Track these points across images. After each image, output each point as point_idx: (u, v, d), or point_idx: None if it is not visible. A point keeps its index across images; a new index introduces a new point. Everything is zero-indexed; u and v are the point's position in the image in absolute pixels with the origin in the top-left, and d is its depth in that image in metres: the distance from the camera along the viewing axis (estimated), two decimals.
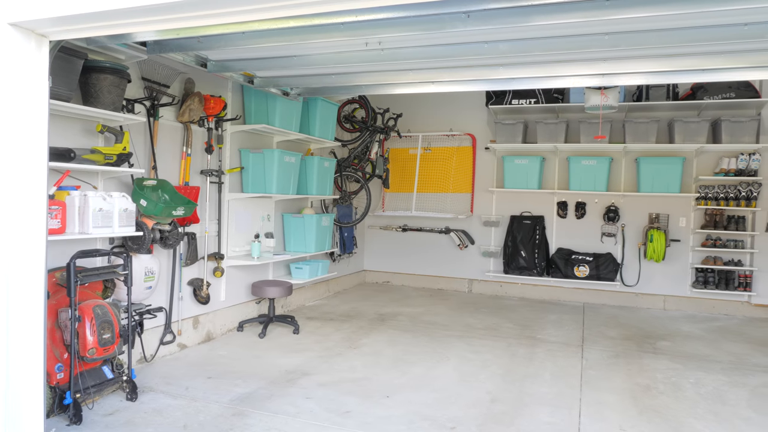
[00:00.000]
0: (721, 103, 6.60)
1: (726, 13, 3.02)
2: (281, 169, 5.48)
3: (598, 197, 7.36)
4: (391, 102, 7.99)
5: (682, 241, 7.00)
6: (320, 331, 5.51)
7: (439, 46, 3.81)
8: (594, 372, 4.45)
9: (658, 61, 3.93)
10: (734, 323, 6.39)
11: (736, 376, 4.43)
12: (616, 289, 7.24)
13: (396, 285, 8.34)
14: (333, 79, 4.86)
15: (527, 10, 2.88)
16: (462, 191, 7.95)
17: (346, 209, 7.42)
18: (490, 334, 5.56)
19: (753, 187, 6.58)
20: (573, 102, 7.03)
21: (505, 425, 3.40)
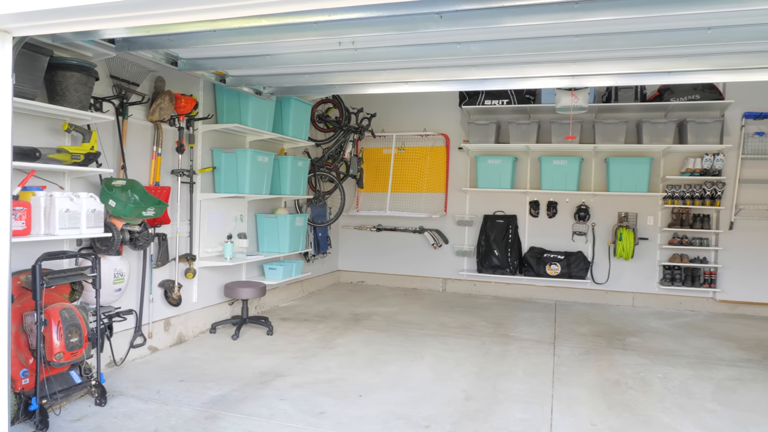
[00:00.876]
0: (686, 105, 6.78)
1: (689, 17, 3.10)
2: (254, 168, 5.43)
3: (569, 197, 7.48)
4: (365, 102, 8.00)
5: (650, 239, 7.17)
6: (294, 332, 5.48)
7: (413, 47, 3.83)
8: (565, 368, 4.53)
9: (625, 63, 4.02)
10: (700, 319, 6.56)
11: (701, 370, 4.55)
12: (586, 287, 7.37)
13: (370, 285, 8.34)
14: (306, 78, 4.84)
15: (498, 12, 2.91)
16: (436, 191, 8.00)
17: (320, 209, 7.39)
18: (464, 333, 5.61)
19: (717, 186, 6.76)
20: (544, 103, 7.13)
21: (479, 422, 3.43)
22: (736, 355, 5.05)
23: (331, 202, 7.78)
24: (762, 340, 5.61)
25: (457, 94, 7.75)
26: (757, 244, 6.78)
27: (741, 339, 5.62)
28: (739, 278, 6.83)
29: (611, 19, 2.94)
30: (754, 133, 6.78)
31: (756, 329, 6.07)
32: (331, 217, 7.58)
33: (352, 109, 7.50)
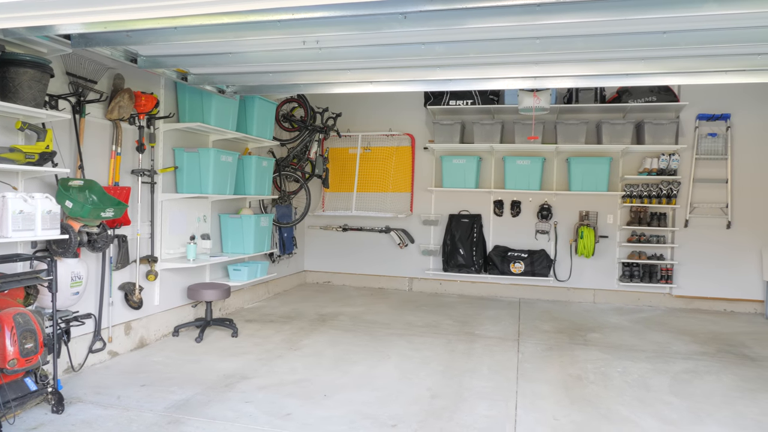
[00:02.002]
0: (644, 106, 6.98)
1: (646, 21, 3.20)
2: (217, 168, 5.35)
3: (532, 196, 7.61)
4: (331, 101, 7.97)
5: (610, 237, 7.36)
6: (260, 334, 5.42)
7: (377, 47, 3.83)
8: (529, 365, 4.60)
9: (585, 66, 4.11)
10: (657, 314, 6.77)
11: (659, 364, 4.70)
12: (549, 285, 7.52)
13: (337, 285, 8.32)
14: (270, 77, 4.80)
15: (462, 13, 2.94)
16: (402, 191, 8.03)
17: (285, 209, 7.33)
18: (430, 332, 5.65)
19: (673, 185, 6.99)
20: (508, 103, 7.24)
21: (445, 420, 3.46)
22: (691, 348, 5.22)
23: (297, 202, 7.73)
24: (715, 333, 5.83)
25: (422, 94, 7.80)
26: (710, 241, 7.04)
27: (696, 333, 5.82)
28: (694, 274, 7.08)
29: (571, 22, 3.01)
30: (707, 134, 7.03)
31: (710, 323, 6.30)
32: (296, 218, 7.52)
33: (318, 109, 7.46)
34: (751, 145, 6.93)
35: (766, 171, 6.89)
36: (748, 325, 6.24)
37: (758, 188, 6.91)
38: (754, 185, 6.92)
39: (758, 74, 4.25)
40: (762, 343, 5.45)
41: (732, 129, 6.97)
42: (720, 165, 7.02)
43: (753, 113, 6.92)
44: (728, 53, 3.88)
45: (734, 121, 6.96)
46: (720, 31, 3.37)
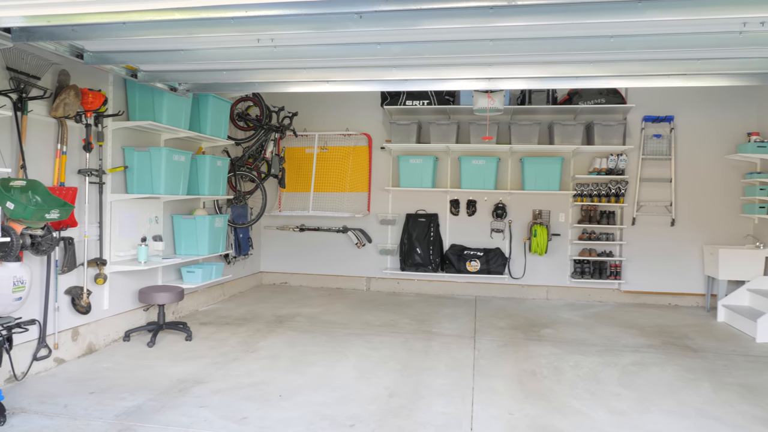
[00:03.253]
0: (593, 108, 7.20)
1: (593, 25, 3.31)
2: (169, 168, 5.21)
3: (487, 195, 7.74)
4: (287, 100, 7.90)
5: (562, 235, 7.56)
6: (215, 337, 5.31)
7: (333, 46, 3.82)
8: (485, 361, 4.68)
9: (537, 68, 4.21)
10: (607, 309, 7.00)
11: (608, 357, 4.86)
12: (504, 282, 7.67)
13: (294, 286, 8.25)
14: (224, 75, 4.71)
15: (416, 14, 2.97)
16: (359, 190, 8.03)
17: (240, 209, 7.22)
18: (388, 331, 5.67)
19: (621, 184, 7.24)
20: (463, 104, 7.34)
21: (403, 418, 3.48)
22: (638, 341, 5.43)
23: (253, 203, 7.62)
24: (661, 326, 6.07)
25: (379, 94, 7.81)
26: (656, 238, 7.33)
27: (643, 326, 6.05)
28: (641, 270, 7.36)
29: (523, 25, 3.08)
30: (652, 135, 7.31)
31: (656, 317, 6.56)
32: (252, 218, 7.42)
33: (273, 108, 7.37)
34: (692, 145, 7.25)
35: (706, 171, 7.23)
36: (691, 318, 6.53)
37: (699, 187, 7.24)
38: (696, 184, 7.25)
39: (698, 78, 4.46)
40: (703, 335, 5.71)
41: (675, 130, 7.27)
42: (664, 165, 7.32)
43: (694, 115, 7.24)
44: (671, 58, 4.05)
45: (677, 122, 7.27)
46: (662, 37, 3.52)
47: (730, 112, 7.15)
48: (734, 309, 6.18)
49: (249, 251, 7.60)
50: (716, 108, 7.19)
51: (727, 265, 6.56)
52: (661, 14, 2.90)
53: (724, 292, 6.59)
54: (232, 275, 7.30)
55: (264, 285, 8.29)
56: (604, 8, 2.88)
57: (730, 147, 7.13)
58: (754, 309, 6.12)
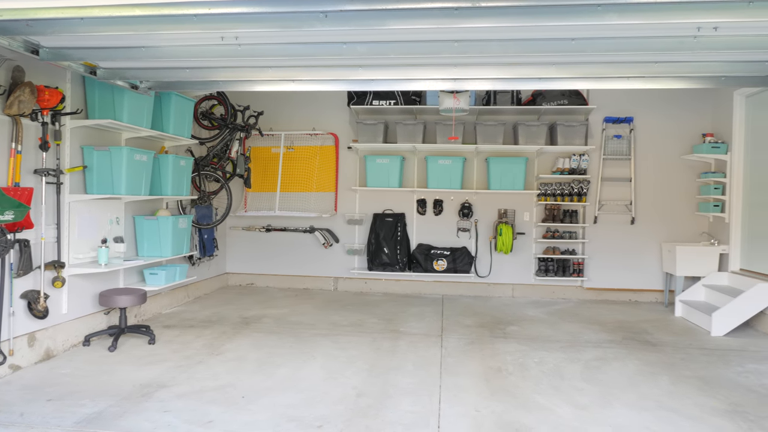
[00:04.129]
0: (556, 109, 7.34)
1: (555, 28, 3.37)
2: (131, 168, 5.09)
3: (453, 195, 7.81)
4: (252, 99, 7.81)
5: (527, 233, 7.68)
6: (179, 340, 5.22)
7: (299, 45, 3.80)
8: (452, 359, 4.72)
9: (501, 69, 4.27)
10: (570, 306, 7.15)
11: (572, 353, 4.96)
12: (471, 281, 7.75)
13: (260, 287, 8.16)
14: (188, 73, 4.64)
15: (382, 14, 2.98)
16: (326, 190, 7.99)
17: (205, 210, 7.10)
18: (355, 331, 5.66)
19: (583, 184, 7.41)
20: (429, 104, 7.39)
21: (370, 418, 3.48)
22: (600, 337, 5.56)
23: (218, 203, 7.51)
24: (622, 322, 6.23)
25: (346, 94, 7.80)
26: (617, 236, 7.52)
27: (604, 322, 6.20)
28: (603, 267, 7.54)
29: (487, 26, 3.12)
30: (613, 135, 7.50)
31: (617, 313, 6.73)
32: (217, 218, 7.31)
33: (239, 107, 7.27)
34: (651, 146, 7.46)
35: (664, 170, 7.45)
36: (650, 313, 6.72)
37: (658, 186, 7.46)
38: (654, 184, 7.47)
39: (656, 81, 4.60)
40: (662, 330, 5.89)
41: (635, 131, 7.48)
42: (624, 165, 7.52)
43: (653, 117, 7.46)
44: (630, 61, 4.17)
45: (637, 123, 7.48)
46: (622, 40, 3.62)
47: (687, 114, 7.39)
48: (691, 304, 6.40)
49: (214, 252, 7.48)
50: (673, 110, 7.42)
51: (683, 261, 6.78)
52: (619, 18, 2.98)
53: (681, 288, 6.81)
54: (197, 277, 7.18)
55: (230, 286, 8.18)
56: (566, 11, 2.95)
57: (686, 148, 7.37)
58: (709, 304, 6.34)
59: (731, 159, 6.67)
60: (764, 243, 6.00)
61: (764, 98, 6.12)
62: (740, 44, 3.63)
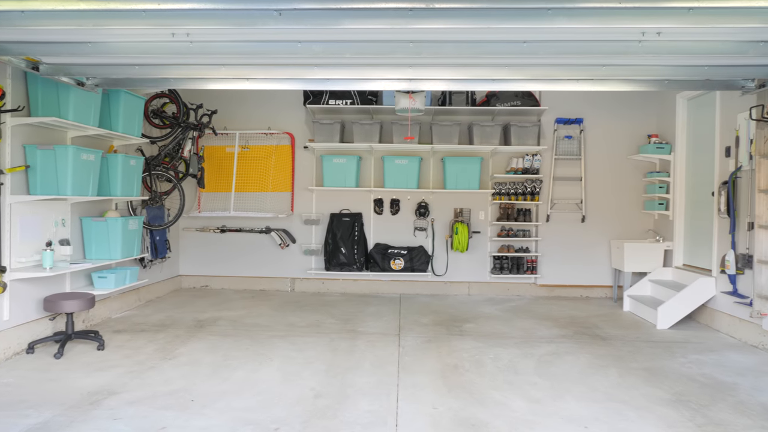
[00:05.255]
0: (510, 110, 7.49)
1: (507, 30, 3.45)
2: (77, 167, 4.91)
3: (410, 194, 7.86)
4: (206, 98, 7.65)
5: (482, 232, 7.81)
6: (130, 345, 5.06)
7: (253, 43, 3.75)
8: (410, 358, 4.76)
9: (456, 70, 4.33)
10: (524, 302, 7.31)
11: (526, 348, 5.08)
12: (428, 279, 7.82)
13: (215, 289, 8.01)
14: (137, 70, 4.51)
15: (336, 13, 2.97)
16: (282, 190, 7.91)
17: (157, 211, 6.91)
18: (312, 331, 5.63)
19: (536, 183, 7.58)
20: (386, 104, 7.41)
21: (328, 419, 3.47)
22: (553, 332, 5.71)
23: (170, 203, 7.32)
24: (573, 317, 6.42)
25: (302, 93, 7.74)
26: (568, 234, 7.73)
27: (557, 318, 6.37)
28: (555, 264, 7.74)
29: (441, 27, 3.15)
30: (564, 136, 7.71)
31: (569, 308, 6.92)
32: (169, 219, 7.13)
33: (191, 105, 7.11)
34: (600, 146, 7.71)
35: (612, 170, 7.71)
36: (600, 308, 6.95)
37: (607, 185, 7.72)
38: (604, 183, 7.72)
39: (604, 83, 4.75)
40: (611, 324, 6.10)
41: (585, 132, 7.71)
42: (575, 165, 7.74)
43: (601, 118, 7.70)
44: (579, 63, 4.29)
45: (586, 124, 7.71)
46: (571, 43, 3.72)
47: (634, 116, 7.67)
48: (638, 299, 6.64)
49: (167, 254, 7.30)
50: (621, 111, 7.69)
51: (631, 258, 7.03)
52: (568, 22, 3.06)
53: (629, 284, 7.07)
54: (149, 280, 6.98)
55: (183, 289, 7.99)
56: (517, 14, 3.01)
57: (633, 148, 7.64)
58: (655, 298, 6.61)
59: (674, 159, 6.96)
60: (704, 239, 6.29)
61: (704, 101, 6.42)
62: (681, 49, 3.79)
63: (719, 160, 5.94)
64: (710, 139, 6.18)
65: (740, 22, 3.14)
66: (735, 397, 3.92)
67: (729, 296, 5.65)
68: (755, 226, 5.15)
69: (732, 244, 5.61)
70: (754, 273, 5.18)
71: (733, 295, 5.58)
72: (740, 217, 5.56)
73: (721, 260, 5.79)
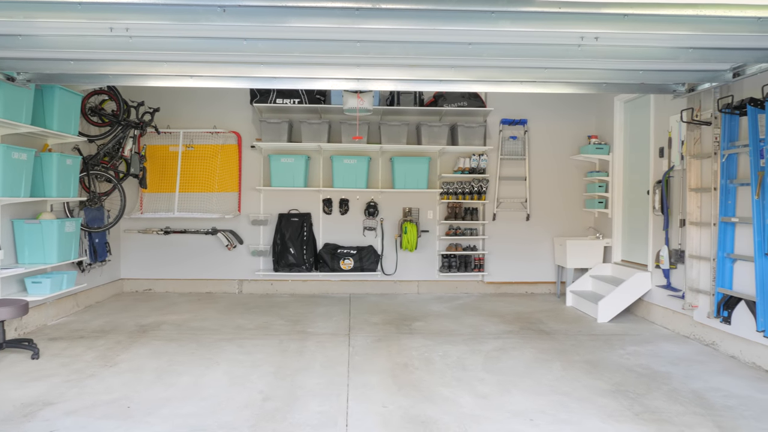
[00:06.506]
0: (456, 111, 7.61)
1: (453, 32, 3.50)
2: (8, 167, 4.66)
3: (359, 194, 7.87)
4: (148, 95, 7.40)
5: (431, 231, 7.90)
6: (67, 353, 4.84)
7: (196, 39, 3.66)
8: (360, 357, 4.76)
9: (403, 70, 4.37)
10: (472, 300, 7.45)
11: (474, 345, 5.17)
12: (378, 279, 7.85)
13: (159, 292, 7.76)
14: (73, 65, 4.32)
15: (283, 11, 2.94)
16: (228, 190, 7.75)
17: (96, 212, 6.64)
18: (261, 334, 5.54)
19: (483, 183, 7.74)
20: (334, 104, 7.39)
21: (277, 422, 3.43)
22: (500, 328, 5.84)
23: (110, 205, 7.05)
24: (519, 313, 6.59)
25: (249, 91, 7.61)
26: (514, 232, 7.93)
27: (503, 314, 6.52)
28: (501, 262, 7.92)
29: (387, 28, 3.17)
30: (509, 137, 7.90)
31: (514, 305, 7.10)
32: (110, 221, 6.86)
33: (132, 102, 6.86)
34: (543, 147, 7.94)
35: (555, 170, 7.96)
36: (545, 304, 7.16)
37: (550, 185, 7.96)
38: (547, 182, 7.96)
39: (546, 86, 4.90)
40: (554, 319, 6.29)
41: (529, 133, 7.92)
42: (520, 164, 7.94)
43: (545, 119, 7.94)
44: (522, 66, 4.41)
45: (530, 125, 7.92)
46: (515, 46, 3.82)
47: (575, 117, 7.94)
48: (580, 294, 6.89)
49: (107, 257, 7.02)
50: (563, 113, 7.94)
51: (573, 254, 7.28)
52: (512, 25, 3.14)
53: (571, 279, 7.31)
54: (88, 284, 6.70)
55: (125, 293, 7.70)
56: (462, 16, 3.07)
57: (574, 148, 7.91)
58: (596, 293, 6.87)
59: (613, 159, 7.25)
60: (641, 236, 6.58)
61: (639, 104, 6.72)
62: (618, 54, 3.96)
63: (654, 161, 6.23)
64: (645, 140, 6.48)
65: (671, 29, 3.31)
66: (669, 385, 4.12)
67: (663, 290, 5.94)
68: (686, 222, 5.43)
69: (666, 240, 5.90)
70: (686, 267, 5.46)
71: (667, 288, 5.87)
72: (673, 214, 5.85)
73: (656, 255, 6.08)
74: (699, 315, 5.31)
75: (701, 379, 4.26)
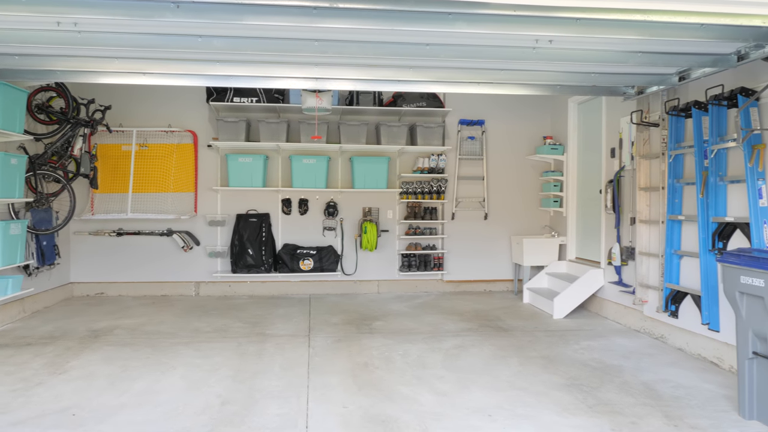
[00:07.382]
0: (415, 111, 7.65)
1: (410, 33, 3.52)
2: None
3: (319, 194, 7.82)
4: (99, 92, 7.16)
5: (391, 231, 7.93)
6: (13, 360, 4.64)
7: (149, 35, 3.56)
8: (320, 358, 4.73)
9: (361, 70, 4.36)
10: (432, 298, 7.51)
11: (433, 343, 5.22)
12: (338, 279, 7.82)
13: (112, 296, 7.52)
14: (17, 60, 4.14)
15: (239, 9, 2.90)
16: (184, 190, 7.58)
17: (43, 214, 6.38)
18: (219, 336, 5.45)
19: (441, 182, 7.81)
20: (293, 103, 7.32)
21: (236, 426, 3.37)
22: (459, 326, 5.91)
23: (59, 206, 6.78)
24: (478, 311, 6.68)
25: (205, 89, 7.47)
26: (472, 231, 8.04)
27: (462, 312, 6.60)
28: (460, 260, 8.01)
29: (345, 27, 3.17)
30: (467, 137, 8.00)
31: (473, 303, 7.20)
32: (58, 223, 6.60)
33: (82, 100, 6.63)
34: (500, 147, 8.08)
35: (512, 170, 8.11)
36: (502, 301, 7.29)
37: (507, 184, 8.10)
38: (504, 182, 8.10)
39: (502, 87, 4.98)
40: (512, 316, 6.41)
41: (486, 133, 8.04)
42: (478, 164, 8.05)
43: (502, 120, 8.08)
44: (479, 67, 4.47)
45: (488, 126, 8.04)
46: (471, 48, 3.87)
47: (531, 118, 8.11)
48: (536, 291, 7.04)
49: (55, 260, 6.76)
50: (520, 114, 8.10)
51: (529, 252, 7.43)
52: (468, 27, 3.18)
53: (528, 277, 7.47)
54: (35, 289, 6.42)
55: (76, 297, 7.44)
56: (419, 17, 3.09)
57: (530, 149, 8.08)
58: (551, 290, 7.03)
59: (567, 159, 7.44)
60: (594, 234, 6.78)
61: (592, 106, 6.91)
62: (571, 57, 4.06)
63: (605, 161, 6.42)
64: (598, 140, 6.67)
65: (621, 34, 3.42)
66: (621, 377, 4.26)
67: (615, 286, 6.13)
68: (637, 221, 5.62)
69: (617, 238, 6.09)
70: (636, 264, 5.65)
71: (619, 284, 6.06)
72: (624, 212, 6.05)
73: (608, 253, 6.27)
74: (649, 309, 5.50)
75: (651, 372, 4.42)
